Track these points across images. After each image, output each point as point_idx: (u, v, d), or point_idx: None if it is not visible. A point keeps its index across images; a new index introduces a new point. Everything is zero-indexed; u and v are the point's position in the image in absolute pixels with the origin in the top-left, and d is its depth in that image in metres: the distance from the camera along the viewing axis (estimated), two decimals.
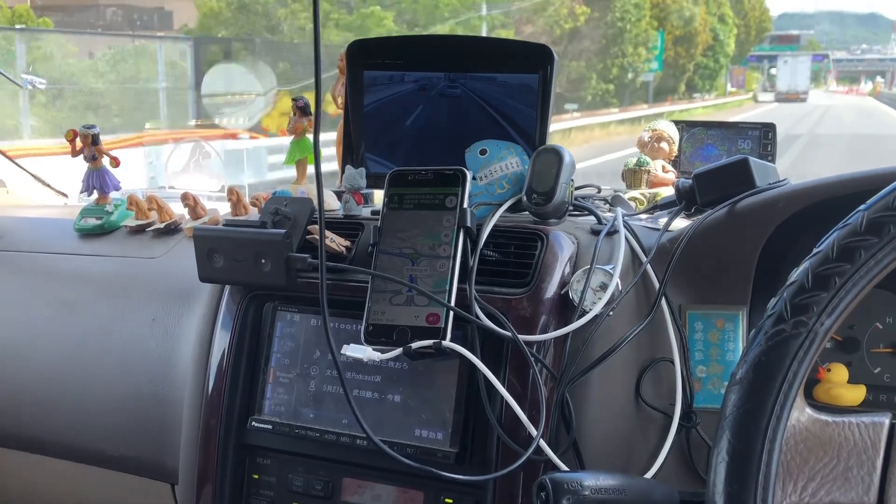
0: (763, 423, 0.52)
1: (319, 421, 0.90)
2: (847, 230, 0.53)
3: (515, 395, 0.80)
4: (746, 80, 41.26)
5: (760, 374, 0.52)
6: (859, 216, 0.53)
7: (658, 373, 0.86)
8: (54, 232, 1.34)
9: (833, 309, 0.52)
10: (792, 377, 0.52)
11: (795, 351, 0.52)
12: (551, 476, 0.64)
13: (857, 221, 0.52)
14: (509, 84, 1.00)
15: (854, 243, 0.52)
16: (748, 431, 0.52)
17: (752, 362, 0.53)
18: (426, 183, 0.89)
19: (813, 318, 0.52)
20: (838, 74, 61.25)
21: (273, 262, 0.89)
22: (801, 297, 0.53)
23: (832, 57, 61.91)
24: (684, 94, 28.94)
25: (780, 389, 0.52)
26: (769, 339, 0.53)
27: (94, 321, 1.17)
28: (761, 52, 49.34)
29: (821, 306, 0.52)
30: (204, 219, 1.24)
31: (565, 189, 0.91)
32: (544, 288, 0.85)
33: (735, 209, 0.87)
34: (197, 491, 0.95)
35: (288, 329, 0.94)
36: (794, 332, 0.52)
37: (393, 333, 0.83)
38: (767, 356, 0.52)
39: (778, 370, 0.52)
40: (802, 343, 0.52)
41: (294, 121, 1.13)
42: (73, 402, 1.15)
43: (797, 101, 34.88)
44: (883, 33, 69.91)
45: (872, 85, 51.56)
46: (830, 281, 0.52)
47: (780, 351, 0.52)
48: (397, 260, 0.87)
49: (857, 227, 0.52)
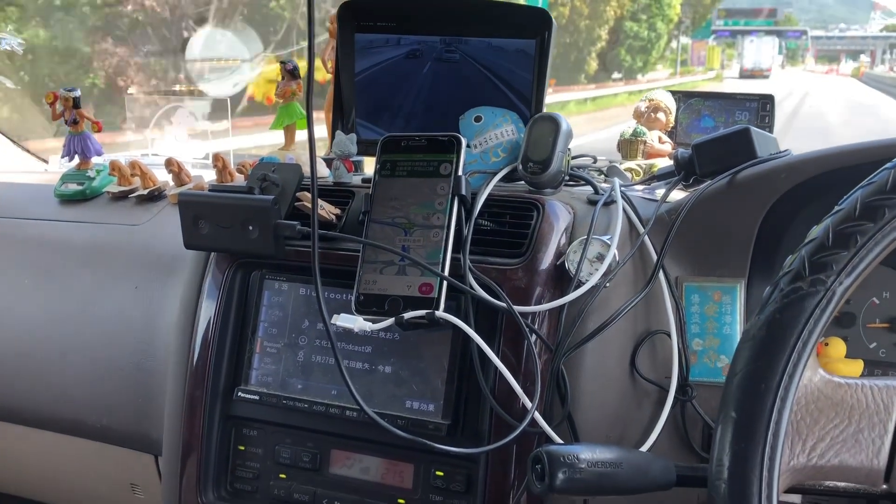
0: (774, 381, 0.50)
1: (308, 392, 0.89)
2: (873, 188, 0.51)
3: (510, 366, 0.79)
4: (708, 56, 36.75)
5: (774, 331, 0.51)
6: (887, 174, 0.51)
7: (654, 345, 0.84)
8: (34, 197, 1.31)
9: (853, 269, 0.50)
10: (807, 336, 0.50)
11: (812, 309, 0.50)
12: (547, 448, 0.63)
13: (884, 179, 0.51)
14: (505, 49, 0.97)
15: (879, 201, 0.50)
16: (758, 390, 0.50)
17: (766, 319, 0.51)
18: (419, 150, 0.87)
19: (832, 276, 0.50)
20: (817, 53, 57.04)
21: (261, 229, 0.86)
22: (820, 255, 0.51)
23: (810, 34, 59.42)
24: (597, 75, 20.38)
25: (794, 348, 0.50)
26: (785, 297, 0.51)
27: (74, 289, 1.14)
28: (735, 27, 47.56)
29: (840, 265, 0.50)
30: (189, 185, 1.21)
31: (562, 158, 0.89)
32: (540, 258, 0.83)
33: (735, 180, 0.85)
34: (181, 462, 0.93)
35: (276, 298, 0.92)
36: (811, 290, 0.50)
37: (385, 303, 0.81)
38: (782, 314, 0.51)
39: (793, 328, 0.50)
40: (819, 302, 0.50)
41: (282, 84, 1.10)
42: (53, 372, 1.12)
43: (760, 77, 35.21)
44: (861, 13, 67.71)
45: (856, 64, 48.86)
46: (852, 239, 0.50)
47: (796, 309, 0.50)
48: (389, 230, 0.84)
49: (884, 185, 0.50)
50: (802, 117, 13.73)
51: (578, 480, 0.61)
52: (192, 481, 0.92)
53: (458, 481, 0.83)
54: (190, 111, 1.56)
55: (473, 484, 0.82)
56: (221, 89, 2.15)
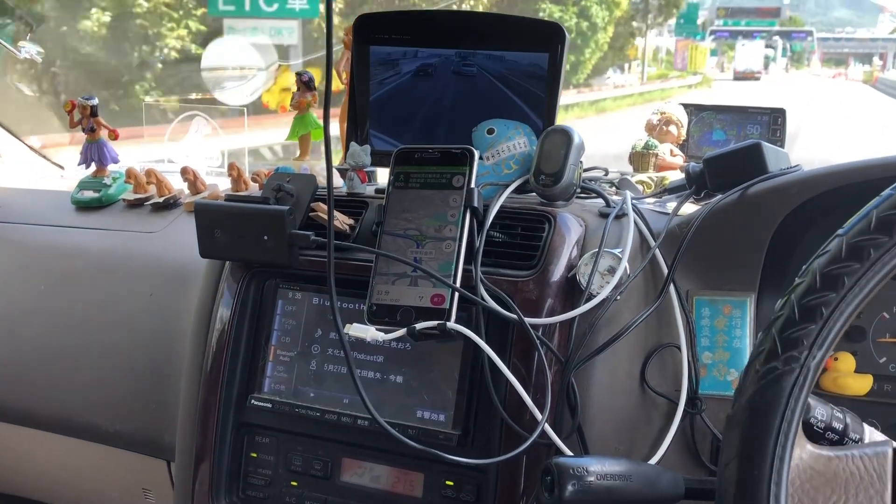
0: (766, 466, 0.50)
1: (320, 400, 0.89)
2: (827, 258, 0.51)
3: (520, 378, 0.79)
4: (691, 57, 29.68)
5: (757, 415, 0.51)
6: (839, 242, 0.51)
7: (664, 358, 0.85)
8: (51, 204, 1.32)
9: (823, 341, 0.50)
10: (790, 415, 0.50)
11: (790, 388, 0.50)
12: (557, 461, 0.63)
13: (837, 248, 0.51)
14: (518, 62, 0.98)
15: (836, 271, 0.50)
16: (752, 477, 0.50)
17: (747, 403, 0.51)
18: (433, 162, 0.87)
19: (804, 351, 0.50)
20: (823, 56, 52.67)
21: (275, 238, 0.87)
22: (790, 331, 0.50)
23: (816, 35, 54.52)
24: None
25: (780, 430, 0.50)
26: (762, 378, 0.51)
27: (90, 295, 1.16)
28: (735, 28, 44.78)
29: (811, 339, 0.50)
30: (204, 193, 1.22)
31: (574, 170, 0.90)
32: (551, 270, 0.84)
33: (746, 194, 0.86)
34: (194, 468, 0.94)
35: (289, 307, 0.93)
36: (786, 369, 0.50)
37: (397, 314, 0.82)
38: (762, 396, 0.50)
39: (775, 410, 0.50)
40: (797, 379, 0.50)
41: (298, 95, 1.11)
42: (67, 377, 1.14)
43: (752, 79, 34.81)
44: (868, 16, 63.43)
45: (868, 68, 43.35)
46: (817, 312, 0.50)
47: (775, 389, 0.50)
48: (402, 241, 0.85)
49: (838, 254, 0.50)
50: (809, 136, 10.46)
51: (588, 492, 0.62)
52: (204, 487, 0.93)
53: (468, 491, 0.83)
54: (206, 119, 1.58)
55: (483, 494, 0.83)
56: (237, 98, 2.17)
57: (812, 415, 0.61)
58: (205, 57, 2.38)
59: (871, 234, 0.50)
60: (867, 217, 0.50)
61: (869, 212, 0.51)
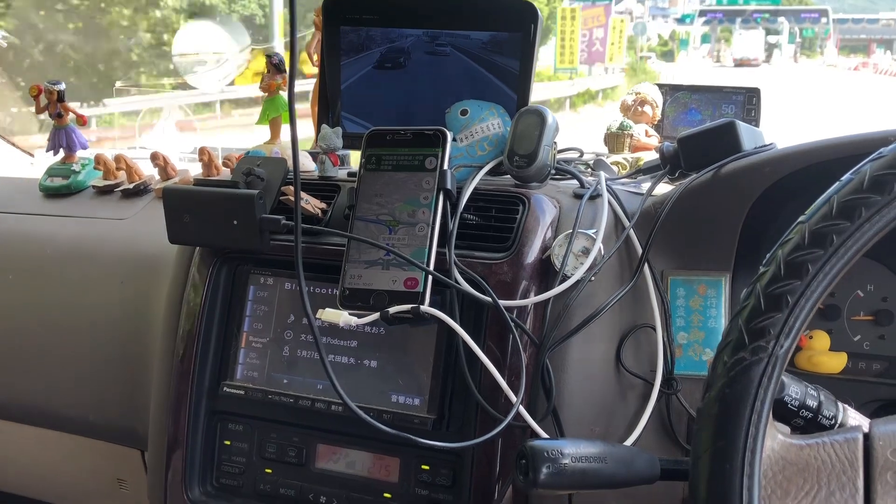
0: (738, 459, 0.50)
1: (293, 386, 0.88)
2: (790, 245, 0.51)
3: (495, 361, 0.79)
4: (613, 39, 16.26)
5: (727, 408, 0.50)
6: (801, 229, 0.51)
7: (639, 339, 0.84)
8: (18, 191, 1.30)
9: (790, 329, 0.50)
10: (760, 406, 0.50)
11: (759, 378, 0.50)
12: (531, 443, 0.63)
13: (800, 235, 0.50)
14: (490, 42, 0.97)
15: (800, 258, 0.50)
16: (724, 471, 0.50)
17: (717, 396, 0.51)
18: (405, 143, 0.86)
19: (772, 341, 0.50)
20: (839, 42, 44.15)
21: (245, 223, 0.86)
22: (756, 321, 0.50)
23: (832, 16, 45.35)
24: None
25: (750, 421, 0.50)
26: (730, 370, 0.50)
27: (60, 284, 1.14)
28: (731, 7, 40.14)
29: (777, 328, 0.50)
30: (174, 179, 1.20)
31: (548, 151, 0.89)
32: (525, 252, 0.83)
33: (720, 173, 0.85)
34: (167, 457, 0.93)
35: (261, 293, 0.92)
36: (754, 360, 0.50)
37: (370, 298, 0.81)
38: (731, 388, 0.50)
39: (745, 401, 0.50)
40: (765, 369, 0.50)
41: (267, 78, 1.09)
42: (38, 367, 1.12)
43: (750, 66, 34.16)
44: (884, 1, 54.95)
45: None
46: (783, 300, 0.50)
47: (744, 381, 0.50)
48: (374, 227, 0.84)
49: (801, 241, 0.50)
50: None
51: (562, 475, 0.61)
52: (177, 476, 0.92)
53: (444, 475, 0.83)
54: (179, 105, 1.55)
55: (459, 478, 0.82)
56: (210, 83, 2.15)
57: (786, 393, 0.61)
58: (176, 42, 2.34)
59: (832, 219, 0.50)
60: (828, 203, 0.50)
61: (830, 197, 0.51)
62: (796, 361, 0.86)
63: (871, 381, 0.86)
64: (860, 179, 0.50)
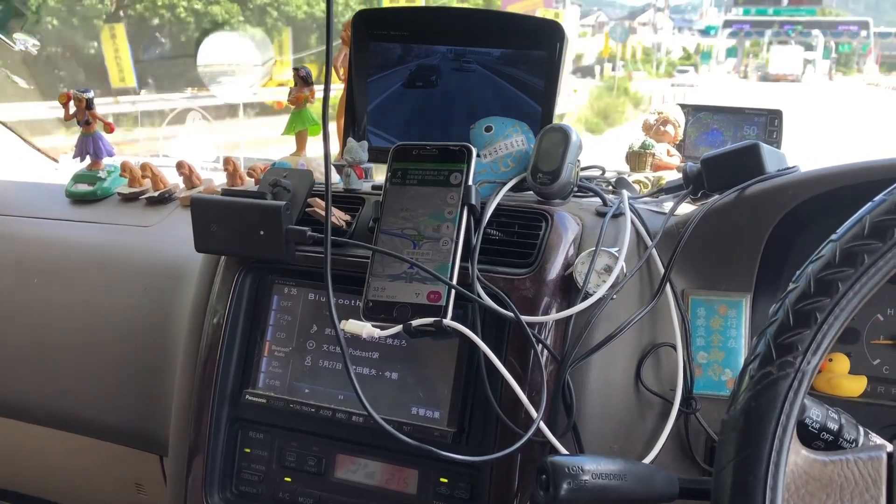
0: (761, 471, 0.50)
1: (315, 396, 0.89)
2: (821, 263, 0.51)
3: (516, 376, 0.79)
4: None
5: (753, 421, 0.51)
6: (832, 247, 0.51)
7: (659, 358, 0.85)
8: (44, 197, 1.32)
9: (818, 346, 0.50)
10: (786, 420, 0.50)
11: (785, 393, 0.50)
12: (552, 459, 0.63)
13: (831, 253, 0.51)
14: (516, 60, 0.98)
15: (830, 276, 0.50)
16: (747, 482, 0.50)
17: (742, 409, 0.51)
18: (431, 159, 0.87)
19: (799, 356, 0.50)
20: (880, 58, 38.57)
21: (272, 233, 0.87)
22: (784, 337, 0.51)
23: (873, 29, 39.03)
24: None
25: (775, 434, 0.50)
26: (757, 384, 0.51)
27: (83, 289, 1.15)
28: (759, 17, 36.92)
29: (805, 344, 0.50)
30: (199, 188, 1.22)
31: (571, 169, 0.90)
32: (548, 269, 0.84)
33: (743, 195, 0.86)
34: (187, 463, 0.94)
35: (285, 302, 0.93)
36: (781, 375, 0.50)
37: (393, 310, 0.82)
38: (758, 401, 0.51)
39: (770, 415, 0.50)
40: (791, 384, 0.50)
41: (295, 91, 1.10)
42: (61, 371, 1.13)
43: (785, 81, 32.31)
44: None
45: None
46: (811, 317, 0.50)
47: (770, 395, 0.50)
48: (398, 241, 0.85)
49: (832, 259, 0.51)
50: None
51: (583, 491, 0.62)
52: (197, 483, 0.93)
53: (463, 489, 0.83)
54: (203, 114, 1.57)
55: (478, 492, 0.83)
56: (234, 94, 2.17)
57: (807, 415, 0.61)
58: (200, 52, 2.37)
59: (864, 239, 0.50)
60: (860, 222, 0.51)
61: (862, 217, 0.51)
62: (816, 384, 0.86)
63: (890, 405, 0.86)
64: (893, 200, 0.50)
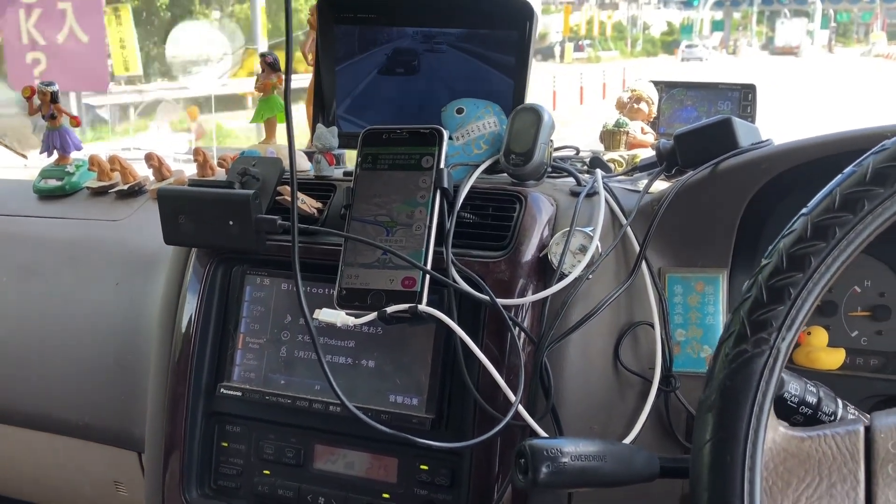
0: (739, 451, 0.50)
1: (291, 387, 0.88)
2: (792, 238, 0.50)
3: (493, 359, 0.79)
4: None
5: (729, 399, 0.50)
6: (804, 221, 0.50)
7: (637, 337, 0.84)
8: (12, 193, 1.29)
9: (792, 321, 0.50)
10: (762, 398, 0.50)
11: (761, 371, 0.50)
12: (530, 442, 0.62)
13: (803, 227, 0.50)
14: (486, 40, 0.96)
15: (802, 251, 0.50)
16: (725, 463, 0.50)
17: (718, 387, 0.51)
18: (401, 142, 0.86)
19: (773, 333, 0.50)
20: (886, 25, 35.93)
21: (241, 224, 0.85)
22: (758, 313, 0.50)
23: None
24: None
25: (752, 413, 0.50)
26: (732, 362, 0.50)
27: (55, 286, 1.13)
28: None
29: (779, 320, 0.50)
30: (169, 180, 1.20)
31: (544, 150, 0.89)
32: (523, 251, 0.83)
33: (717, 170, 0.85)
34: (164, 459, 0.93)
35: (257, 293, 0.91)
36: (756, 352, 0.50)
37: (367, 297, 0.81)
38: (733, 380, 0.50)
39: (746, 393, 0.50)
40: (767, 361, 0.50)
41: (262, 77, 1.08)
42: (34, 370, 1.11)
43: (790, 54, 31.71)
44: None
45: None
46: (785, 292, 0.50)
47: (746, 373, 0.50)
48: (371, 228, 0.84)
49: (804, 234, 0.50)
50: None
51: (562, 474, 0.61)
52: (175, 478, 0.92)
53: (443, 475, 0.83)
54: (173, 105, 1.55)
55: (458, 477, 0.82)
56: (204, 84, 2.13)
57: (786, 390, 0.61)
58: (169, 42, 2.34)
59: (835, 212, 0.50)
60: (831, 195, 0.50)
61: (832, 189, 0.50)
62: (794, 358, 0.86)
63: (868, 377, 0.86)
64: (863, 172, 0.49)
